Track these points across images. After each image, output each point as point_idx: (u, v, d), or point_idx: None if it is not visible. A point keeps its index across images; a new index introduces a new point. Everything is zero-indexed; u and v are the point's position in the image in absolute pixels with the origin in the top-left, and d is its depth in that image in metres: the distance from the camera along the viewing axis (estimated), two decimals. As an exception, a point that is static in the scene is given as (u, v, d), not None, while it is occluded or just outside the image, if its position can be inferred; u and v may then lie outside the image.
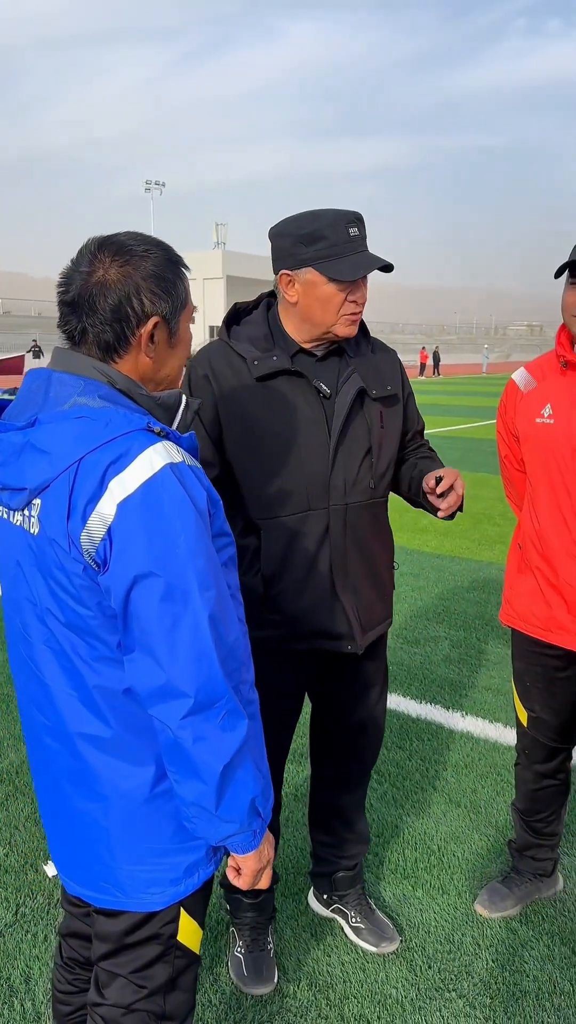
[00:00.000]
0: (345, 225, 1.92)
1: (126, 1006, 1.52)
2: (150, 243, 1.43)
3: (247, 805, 1.37)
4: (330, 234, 1.91)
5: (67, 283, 1.40)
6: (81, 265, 1.39)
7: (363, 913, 2.50)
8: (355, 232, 1.93)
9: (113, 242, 1.40)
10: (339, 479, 2.03)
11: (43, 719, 1.46)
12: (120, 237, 1.42)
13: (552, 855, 2.66)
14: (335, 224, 1.91)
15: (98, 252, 1.39)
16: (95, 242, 1.42)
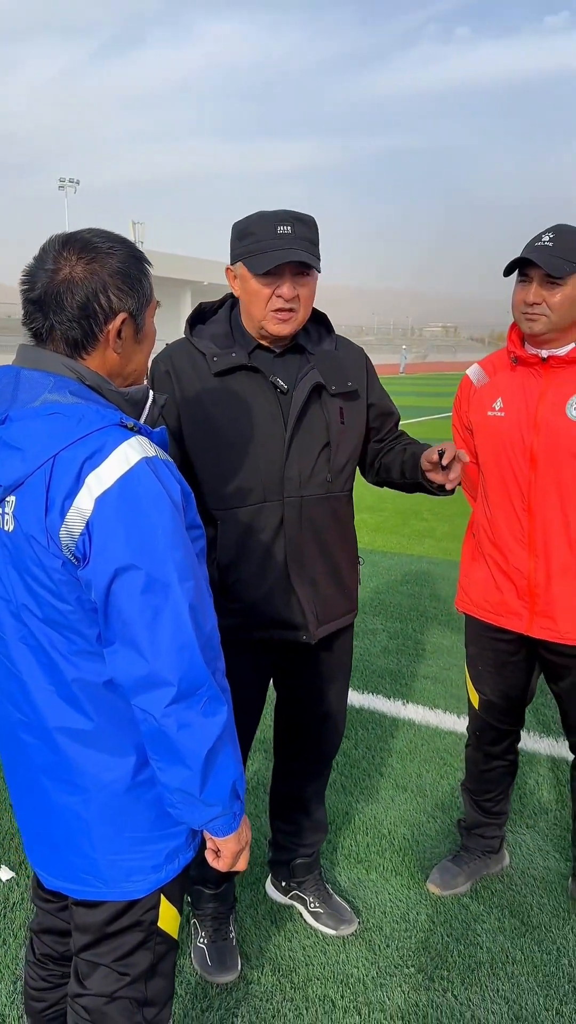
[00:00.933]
0: (275, 223, 1.95)
1: (109, 995, 1.54)
2: (114, 240, 1.44)
3: (229, 788, 1.41)
4: (258, 230, 1.96)
5: (32, 281, 1.41)
6: (45, 263, 1.40)
7: (321, 898, 2.56)
8: (284, 230, 1.95)
9: (77, 239, 1.42)
10: (293, 472, 2.08)
11: (19, 715, 1.47)
12: (83, 234, 1.43)
13: (500, 833, 2.77)
14: (264, 221, 1.96)
15: (62, 250, 1.40)
16: (59, 240, 1.42)
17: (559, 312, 2.13)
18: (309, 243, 1.98)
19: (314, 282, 2.04)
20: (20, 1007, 2.22)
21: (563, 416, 2.19)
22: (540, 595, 2.33)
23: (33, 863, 1.60)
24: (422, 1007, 2.24)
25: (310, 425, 2.09)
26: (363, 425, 2.22)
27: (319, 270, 2.01)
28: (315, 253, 1.99)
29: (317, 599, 2.18)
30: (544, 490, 2.26)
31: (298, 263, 1.95)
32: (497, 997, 2.28)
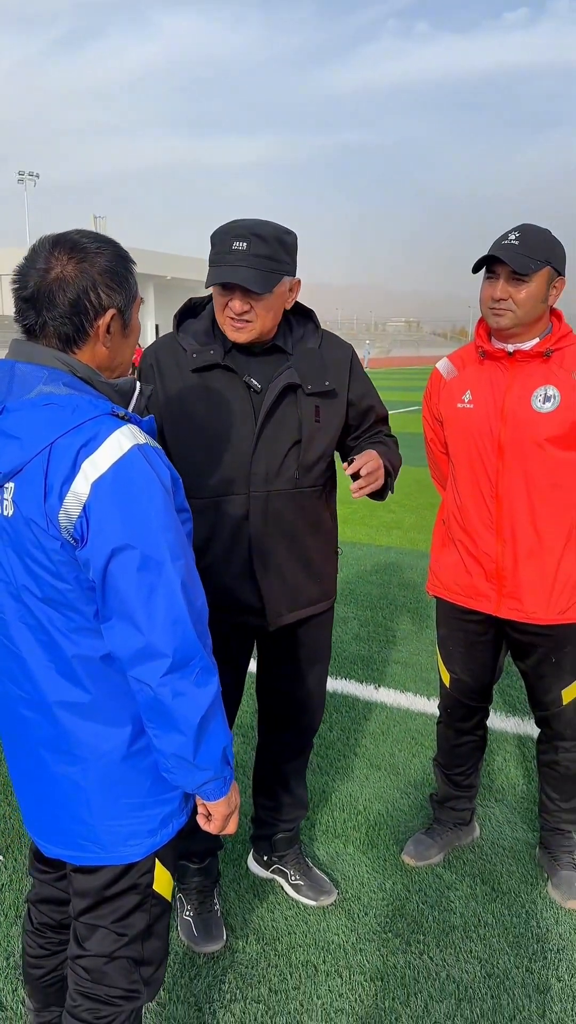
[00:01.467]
0: (232, 238, 2.01)
1: (108, 954, 1.63)
2: (101, 240, 1.53)
3: (220, 753, 1.51)
4: (216, 243, 2.04)
5: (23, 280, 1.48)
6: (37, 263, 1.47)
7: (301, 871, 2.66)
8: (239, 246, 1.99)
9: (66, 240, 1.49)
10: (260, 468, 2.15)
11: (19, 692, 1.54)
12: (72, 235, 1.51)
13: (470, 805, 2.89)
14: (224, 235, 2.03)
15: (53, 250, 1.47)
16: (49, 241, 1.50)
17: (524, 308, 2.24)
18: (263, 260, 2.00)
19: (272, 297, 2.04)
20: (14, 981, 2.30)
21: (528, 408, 2.31)
22: (507, 578, 2.45)
23: (33, 834, 1.68)
24: (400, 969, 2.36)
25: (280, 423, 2.16)
26: (340, 422, 2.27)
27: (265, 292, 2.00)
28: (269, 269, 2.00)
29: (283, 588, 2.26)
30: (511, 478, 2.37)
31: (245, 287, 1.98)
32: (471, 958, 2.40)
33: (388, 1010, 2.22)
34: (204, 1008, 2.23)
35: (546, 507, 2.34)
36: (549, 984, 2.31)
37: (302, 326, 2.27)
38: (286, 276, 2.07)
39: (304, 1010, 2.22)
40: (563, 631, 2.45)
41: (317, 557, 2.34)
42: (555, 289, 2.28)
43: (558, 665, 2.50)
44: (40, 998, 1.89)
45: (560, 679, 2.52)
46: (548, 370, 2.30)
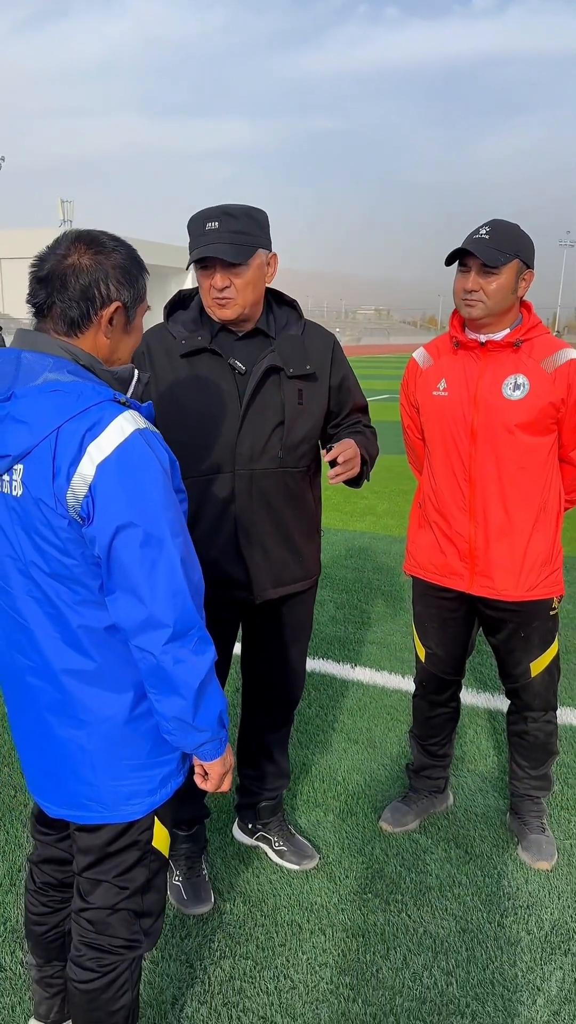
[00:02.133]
0: (204, 220, 2.14)
1: (111, 907, 1.74)
2: (119, 241, 1.64)
3: (216, 716, 1.62)
4: (192, 228, 2.17)
5: (41, 262, 1.58)
6: (58, 249, 1.58)
7: (285, 837, 2.79)
8: (212, 226, 2.13)
9: (89, 235, 1.60)
10: (245, 447, 2.27)
11: (27, 661, 1.65)
12: (95, 233, 1.62)
13: (444, 774, 3.04)
14: (196, 221, 2.16)
15: (75, 242, 1.58)
16: (72, 234, 1.61)
17: (495, 299, 2.37)
18: (236, 234, 2.12)
19: (250, 269, 2.16)
20: (11, 944, 2.40)
21: (499, 395, 2.44)
22: (479, 557, 2.58)
23: (37, 797, 1.78)
24: (379, 926, 2.50)
25: (264, 404, 2.28)
26: (323, 406, 2.38)
27: (241, 262, 2.13)
28: (242, 242, 2.13)
29: (267, 564, 2.38)
30: (483, 462, 2.50)
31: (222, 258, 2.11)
32: (446, 915, 2.55)
33: (369, 963, 2.36)
34: (195, 965, 2.36)
35: (516, 490, 2.48)
36: (519, 937, 2.46)
37: (285, 315, 2.38)
38: (261, 249, 2.19)
39: (290, 964, 2.35)
40: (531, 607, 2.59)
41: (299, 536, 2.45)
42: (524, 281, 2.40)
43: (527, 639, 2.65)
44: (42, 954, 2.00)
45: (529, 653, 2.67)
46: (518, 359, 2.43)
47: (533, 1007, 2.22)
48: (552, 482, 2.52)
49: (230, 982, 2.29)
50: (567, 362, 2.41)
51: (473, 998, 2.24)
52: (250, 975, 2.32)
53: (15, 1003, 2.22)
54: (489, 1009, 2.21)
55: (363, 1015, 2.19)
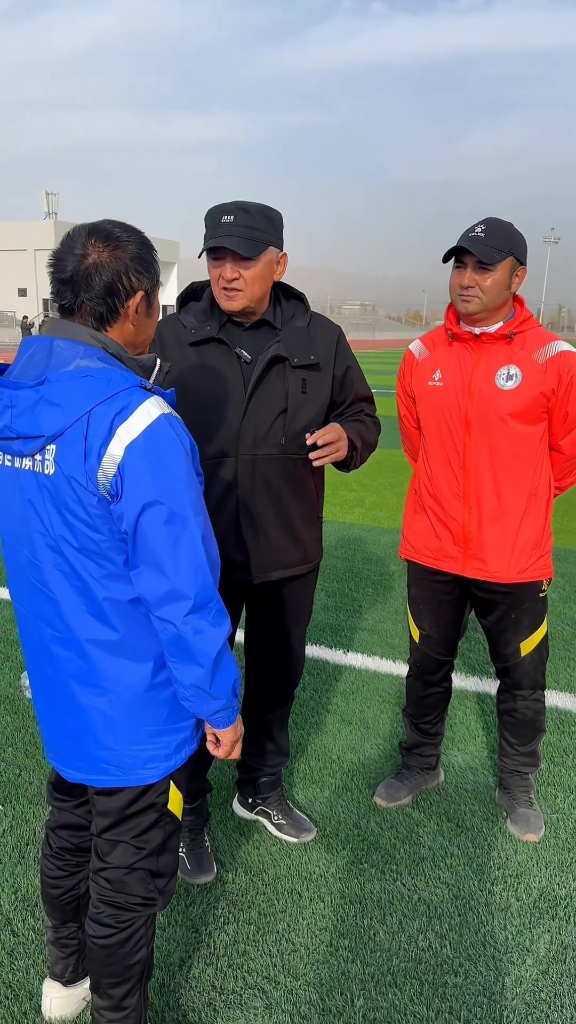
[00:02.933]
0: (220, 214, 2.25)
1: (128, 866, 1.84)
2: (130, 230, 1.72)
3: (230, 685, 1.73)
4: (208, 220, 2.27)
5: (61, 264, 1.66)
6: (74, 249, 1.66)
7: (283, 811, 2.90)
8: (227, 219, 2.24)
9: (101, 230, 1.68)
10: (249, 432, 2.37)
11: (52, 632, 1.74)
12: (105, 226, 1.70)
13: (436, 751, 3.16)
14: (213, 214, 2.26)
15: (89, 238, 1.66)
16: (84, 230, 1.69)
17: (490, 294, 2.48)
18: (249, 229, 2.23)
19: (260, 263, 2.27)
20: (23, 912, 2.50)
21: (493, 385, 2.55)
22: (473, 540, 2.70)
23: (56, 763, 1.88)
24: (376, 893, 2.61)
25: (268, 392, 2.38)
26: (327, 396, 2.48)
27: (252, 256, 2.23)
28: (254, 237, 2.23)
29: (267, 547, 2.47)
30: (477, 450, 2.62)
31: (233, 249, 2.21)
32: (439, 883, 2.67)
33: (366, 928, 2.48)
34: (201, 930, 2.46)
35: (508, 476, 2.60)
36: (509, 903, 2.58)
37: (293, 307, 2.47)
38: (271, 247, 2.29)
39: (291, 929, 2.46)
40: (522, 589, 2.71)
41: (299, 521, 2.55)
42: (517, 277, 2.52)
43: (517, 620, 2.77)
44: (58, 916, 2.10)
45: (519, 633, 2.79)
46: (511, 351, 2.54)
47: (523, 966, 2.34)
48: (542, 469, 2.64)
49: (234, 945, 2.40)
50: (557, 354, 2.52)
51: (466, 959, 2.36)
52: (253, 939, 2.42)
53: (29, 966, 2.31)
54: (481, 968, 2.33)
55: (362, 975, 2.30)
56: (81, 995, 2.16)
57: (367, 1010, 2.19)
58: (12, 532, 1.76)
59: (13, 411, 1.64)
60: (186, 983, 2.28)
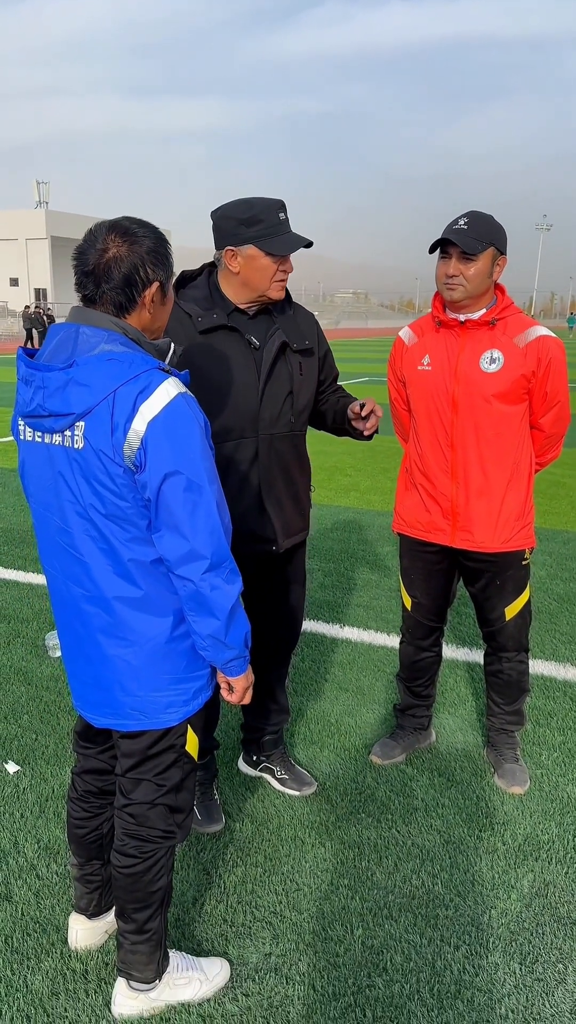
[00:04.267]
0: (276, 211, 2.44)
1: (150, 802, 2.05)
2: (146, 226, 1.90)
3: (243, 636, 1.93)
4: (265, 218, 2.44)
5: (84, 258, 1.85)
6: (96, 244, 1.84)
7: (286, 767, 3.11)
8: (283, 216, 2.46)
9: (119, 226, 1.87)
10: (266, 413, 2.57)
11: (82, 591, 1.94)
12: (123, 222, 1.88)
13: (428, 713, 3.37)
14: (269, 210, 2.44)
15: (108, 234, 1.85)
16: (105, 226, 1.87)
17: (473, 283, 2.67)
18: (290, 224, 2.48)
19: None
20: (46, 859, 2.71)
21: (477, 369, 2.75)
22: (460, 513, 2.90)
23: (84, 711, 2.08)
24: (372, 839, 2.83)
25: (278, 376, 2.58)
26: (316, 377, 2.72)
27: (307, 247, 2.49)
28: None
29: (283, 517, 2.70)
30: (463, 429, 2.82)
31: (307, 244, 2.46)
32: (431, 830, 2.88)
33: (364, 869, 2.69)
34: (211, 873, 2.67)
35: (492, 453, 2.80)
36: (496, 847, 2.80)
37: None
38: None
39: (295, 871, 2.67)
40: (506, 558, 2.92)
41: (303, 492, 2.78)
42: (498, 266, 2.71)
43: (502, 587, 2.97)
44: (83, 854, 2.30)
45: (503, 599, 2.99)
46: (494, 336, 2.74)
47: (508, 900, 2.56)
48: (524, 446, 2.84)
49: (243, 885, 2.61)
50: (536, 338, 2.72)
51: (456, 894, 2.58)
52: (260, 880, 2.64)
53: (53, 904, 2.52)
54: (469, 903, 2.55)
55: (360, 909, 2.52)
56: (103, 928, 2.37)
57: (365, 938, 2.40)
58: (43, 501, 1.95)
59: (45, 391, 1.83)
60: (199, 918, 2.49)
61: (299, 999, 2.19)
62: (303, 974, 2.27)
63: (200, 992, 2.19)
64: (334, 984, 2.24)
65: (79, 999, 2.19)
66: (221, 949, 2.37)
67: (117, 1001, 2.14)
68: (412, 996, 2.20)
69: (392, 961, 2.32)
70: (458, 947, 2.37)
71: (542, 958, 2.33)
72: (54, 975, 2.26)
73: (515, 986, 2.24)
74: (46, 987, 2.23)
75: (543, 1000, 2.20)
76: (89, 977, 2.26)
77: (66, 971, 2.28)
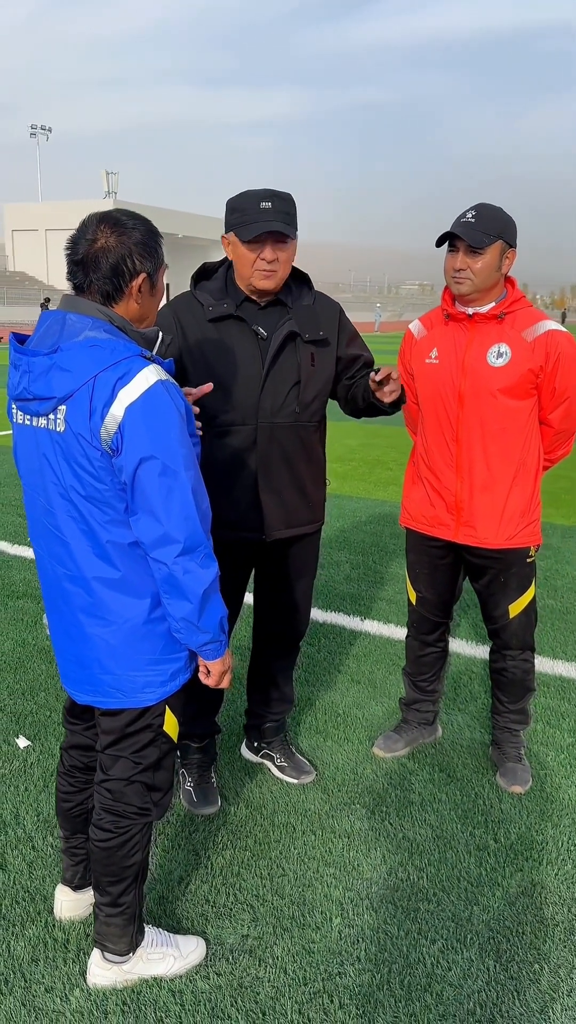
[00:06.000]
0: (258, 200, 2.44)
1: (127, 778, 2.09)
2: (137, 218, 1.94)
3: (217, 621, 1.96)
4: (245, 207, 2.45)
5: (75, 247, 1.90)
6: (86, 234, 1.89)
7: (286, 755, 3.14)
8: (266, 206, 2.43)
9: (110, 218, 1.91)
10: (267, 403, 2.59)
11: (64, 570, 1.99)
12: (115, 214, 1.93)
13: (434, 708, 3.36)
14: (250, 198, 2.45)
15: (99, 225, 1.89)
16: (96, 217, 1.92)
17: (481, 276, 2.65)
18: (286, 215, 2.46)
19: (291, 248, 2.50)
20: (44, 831, 2.78)
21: (484, 363, 2.72)
22: (464, 509, 2.88)
23: (69, 687, 2.13)
24: (363, 830, 2.84)
25: (283, 366, 2.59)
26: (332, 368, 2.69)
27: (294, 237, 2.49)
28: (291, 223, 2.47)
29: (281, 506, 2.70)
30: (469, 424, 2.79)
31: (276, 232, 2.43)
32: (424, 825, 2.88)
33: (351, 859, 2.70)
34: (200, 854, 2.72)
35: (497, 448, 2.77)
36: (487, 844, 2.79)
37: (299, 287, 2.67)
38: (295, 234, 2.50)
39: (283, 857, 2.70)
40: (510, 554, 2.89)
41: (309, 484, 2.77)
42: (507, 260, 2.68)
43: (506, 584, 2.95)
44: (69, 827, 2.37)
45: (507, 596, 2.97)
46: (502, 330, 2.71)
47: (492, 898, 2.55)
48: (531, 442, 2.81)
49: (229, 867, 2.65)
50: (545, 332, 2.68)
51: (439, 889, 2.58)
52: (247, 863, 2.67)
53: (45, 875, 2.59)
54: (452, 898, 2.54)
55: (341, 898, 2.53)
56: (88, 900, 2.43)
57: (342, 927, 2.42)
58: (31, 483, 2.01)
59: (30, 375, 1.88)
60: (183, 896, 2.53)
61: (269, 981, 2.22)
62: (276, 957, 2.30)
63: (173, 968, 2.23)
64: (305, 969, 2.26)
65: (57, 967, 2.25)
66: (200, 928, 2.41)
67: (91, 971, 2.20)
68: (381, 986, 2.21)
69: (366, 951, 2.33)
70: (434, 941, 2.37)
71: (518, 957, 2.32)
72: (36, 943, 2.33)
73: (486, 982, 2.23)
74: (27, 953, 2.30)
75: (513, 998, 2.18)
76: (69, 947, 2.32)
77: (48, 939, 2.34)
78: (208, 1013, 2.13)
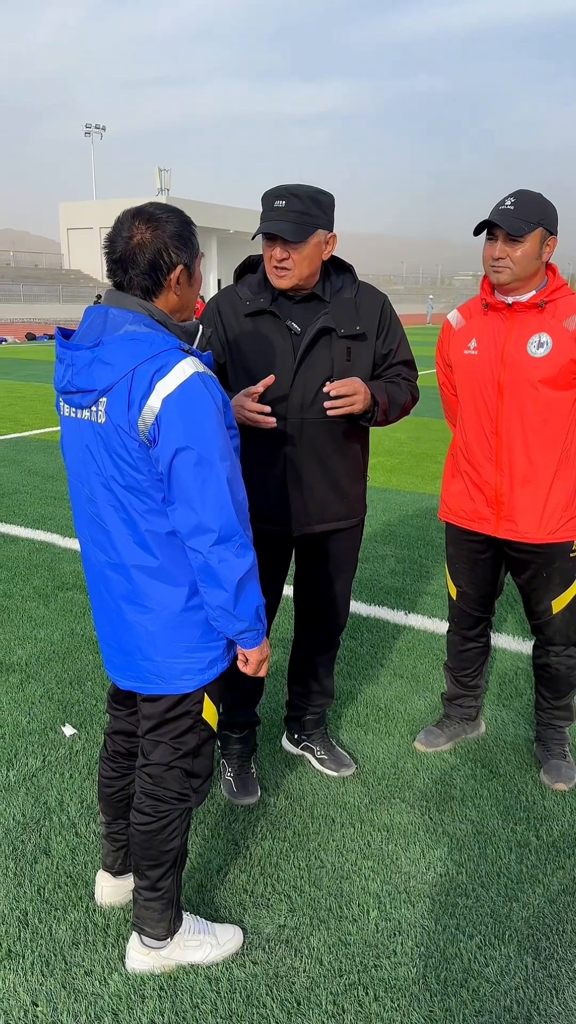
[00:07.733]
0: (273, 198, 2.45)
1: (167, 763, 2.12)
2: (170, 211, 1.96)
3: (254, 609, 1.97)
4: (263, 205, 2.48)
5: (113, 246, 1.93)
6: (122, 231, 1.92)
7: (326, 748, 3.15)
8: (280, 204, 2.43)
9: (143, 212, 1.93)
10: (297, 398, 2.58)
11: (106, 558, 2.03)
12: (148, 208, 1.95)
13: (476, 703, 3.33)
14: (267, 197, 2.47)
15: (133, 220, 1.92)
16: (129, 213, 1.94)
17: (520, 265, 2.61)
18: (299, 214, 2.42)
19: (308, 247, 2.45)
20: (87, 818, 2.83)
21: (524, 353, 2.68)
22: (504, 503, 2.85)
23: (112, 673, 2.17)
24: (403, 824, 2.83)
25: (315, 361, 2.58)
26: (370, 363, 2.67)
27: (300, 239, 2.41)
28: (304, 223, 2.42)
29: (312, 502, 2.69)
30: (509, 416, 2.76)
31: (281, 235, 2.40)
32: (465, 820, 2.86)
33: (390, 852, 2.70)
34: (240, 843, 2.74)
35: (538, 440, 2.73)
36: (528, 840, 2.76)
37: (341, 278, 2.66)
38: (320, 229, 2.47)
39: (321, 848, 2.71)
40: (553, 549, 2.85)
41: (344, 479, 2.74)
42: (548, 247, 2.63)
43: (548, 579, 2.90)
44: (110, 812, 2.41)
45: (550, 591, 2.92)
46: (542, 319, 2.66)
47: (532, 895, 2.52)
48: (573, 433, 2.76)
49: (268, 858, 2.67)
50: (587, 320, 2.63)
51: (479, 885, 2.56)
52: (286, 854, 2.68)
53: (87, 861, 2.64)
54: (492, 894, 2.52)
55: (379, 891, 2.53)
56: (128, 887, 2.46)
57: (380, 920, 2.41)
58: (76, 472, 2.05)
59: (74, 369, 1.93)
60: (221, 885, 2.55)
61: (304, 972, 2.23)
62: (313, 948, 2.31)
63: (210, 955, 2.26)
64: (341, 961, 2.26)
65: (97, 951, 2.30)
66: (237, 917, 2.43)
67: (130, 956, 2.23)
68: (417, 980, 2.21)
69: (403, 944, 2.32)
70: (472, 936, 2.35)
71: (557, 955, 2.29)
72: (77, 926, 2.38)
73: (524, 980, 2.21)
74: (68, 937, 2.34)
75: (551, 996, 2.16)
76: (109, 932, 2.36)
77: (89, 924, 2.39)
78: (243, 1001, 2.14)
